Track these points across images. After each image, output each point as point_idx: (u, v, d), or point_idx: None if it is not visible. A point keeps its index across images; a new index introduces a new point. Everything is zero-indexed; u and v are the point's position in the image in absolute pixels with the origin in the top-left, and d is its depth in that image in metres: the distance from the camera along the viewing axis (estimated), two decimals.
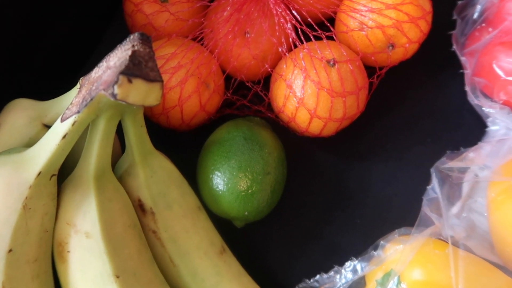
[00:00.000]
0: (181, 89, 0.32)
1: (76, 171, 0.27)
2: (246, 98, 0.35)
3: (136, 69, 0.22)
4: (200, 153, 0.33)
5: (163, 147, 0.32)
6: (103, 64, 0.24)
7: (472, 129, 0.36)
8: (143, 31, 0.34)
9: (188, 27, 0.34)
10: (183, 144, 0.36)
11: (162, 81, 0.23)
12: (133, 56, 0.22)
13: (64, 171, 0.27)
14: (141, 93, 0.22)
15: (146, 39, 0.23)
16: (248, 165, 0.31)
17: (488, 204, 0.29)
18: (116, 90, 0.21)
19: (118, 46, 0.24)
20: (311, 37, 0.32)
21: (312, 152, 0.36)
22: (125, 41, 0.23)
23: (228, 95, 0.35)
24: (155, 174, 0.29)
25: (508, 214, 0.28)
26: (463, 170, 0.30)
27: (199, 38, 0.34)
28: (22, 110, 0.28)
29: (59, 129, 0.24)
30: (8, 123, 0.28)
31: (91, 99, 0.23)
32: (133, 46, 0.23)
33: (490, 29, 0.31)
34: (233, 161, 0.31)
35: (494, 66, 0.29)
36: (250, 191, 0.31)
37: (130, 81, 0.22)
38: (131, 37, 0.23)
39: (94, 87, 0.23)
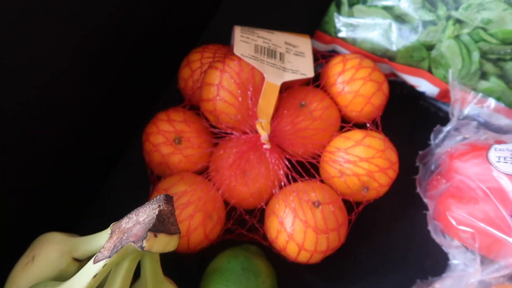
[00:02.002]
0: (189, 223, 0.37)
1: None
2: (244, 226, 0.41)
3: (161, 225, 0.28)
4: (203, 279, 0.38)
5: (169, 270, 0.36)
6: (133, 217, 0.29)
7: (439, 259, 0.41)
8: (159, 168, 0.41)
9: (197, 168, 0.41)
10: (186, 265, 0.41)
11: (180, 232, 0.29)
12: (159, 215, 0.28)
13: None
14: (163, 244, 0.28)
15: (169, 200, 0.29)
16: None
17: None
18: (144, 243, 0.27)
19: (146, 203, 0.30)
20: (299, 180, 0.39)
21: (302, 275, 0.41)
22: (153, 200, 0.29)
23: (229, 225, 0.40)
24: None
25: None
26: None
27: (207, 176, 0.40)
28: (56, 244, 0.33)
29: (91, 269, 0.29)
30: (42, 255, 0.33)
31: (121, 247, 0.28)
32: (159, 206, 0.29)
33: (444, 181, 0.37)
34: None
35: (448, 215, 0.35)
36: None
37: (155, 235, 0.27)
38: (158, 197, 0.29)
39: (124, 237, 0.29)
